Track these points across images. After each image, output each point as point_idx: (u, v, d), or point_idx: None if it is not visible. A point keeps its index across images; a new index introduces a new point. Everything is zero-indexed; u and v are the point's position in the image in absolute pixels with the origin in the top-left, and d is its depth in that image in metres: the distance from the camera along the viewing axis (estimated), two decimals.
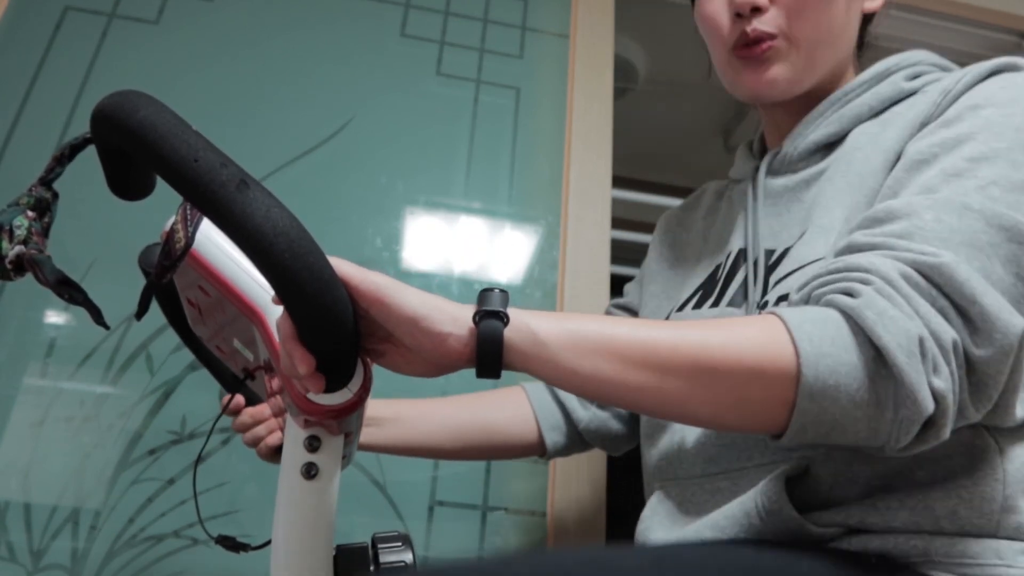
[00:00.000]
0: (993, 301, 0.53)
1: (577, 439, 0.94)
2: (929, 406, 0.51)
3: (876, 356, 0.52)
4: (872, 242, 0.57)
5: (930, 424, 0.53)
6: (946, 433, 0.53)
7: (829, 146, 0.76)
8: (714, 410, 0.54)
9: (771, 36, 0.75)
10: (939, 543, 0.57)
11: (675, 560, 0.55)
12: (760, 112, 0.86)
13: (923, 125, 0.67)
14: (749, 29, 0.75)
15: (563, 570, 0.50)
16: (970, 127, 0.62)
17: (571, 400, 0.94)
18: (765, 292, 0.72)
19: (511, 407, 0.94)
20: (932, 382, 0.51)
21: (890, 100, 0.73)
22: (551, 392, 0.96)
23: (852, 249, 0.59)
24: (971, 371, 0.54)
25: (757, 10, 0.75)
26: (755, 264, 0.74)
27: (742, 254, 0.78)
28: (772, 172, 0.80)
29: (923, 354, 0.51)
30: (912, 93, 0.73)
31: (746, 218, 0.80)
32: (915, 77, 0.74)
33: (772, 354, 0.52)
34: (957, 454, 0.59)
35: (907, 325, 0.51)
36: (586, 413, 0.93)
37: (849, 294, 0.54)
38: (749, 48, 0.76)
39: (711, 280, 0.81)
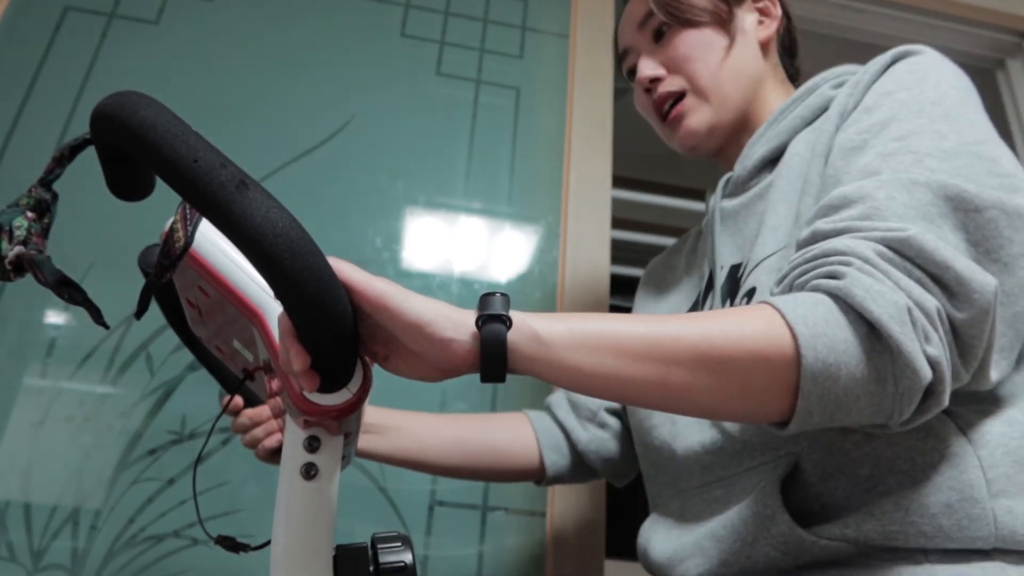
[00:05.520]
0: (964, 264, 0.55)
1: (577, 462, 0.95)
2: (927, 373, 0.53)
3: (870, 332, 0.53)
4: (837, 227, 0.59)
5: (929, 392, 0.54)
6: (945, 400, 0.55)
7: (773, 161, 0.80)
8: (719, 399, 0.54)
9: (680, 94, 0.85)
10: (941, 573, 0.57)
11: None
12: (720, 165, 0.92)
13: (842, 115, 0.71)
14: (655, 96, 0.86)
15: None
16: (889, 111, 0.66)
17: (571, 421, 0.95)
18: (735, 299, 0.74)
19: (513, 429, 0.95)
20: (926, 350, 0.53)
21: (820, 109, 0.77)
22: (551, 415, 0.98)
23: (818, 237, 0.60)
24: (956, 335, 0.55)
25: (657, 80, 0.86)
26: (716, 279, 0.78)
27: (712, 274, 0.82)
28: (728, 195, 0.85)
29: (913, 323, 0.53)
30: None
31: (710, 241, 0.84)
32: (839, 85, 0.78)
33: (771, 339, 0.53)
34: (930, 436, 0.61)
35: (894, 297, 0.53)
36: (585, 434, 0.94)
37: (833, 276, 0.55)
38: (666, 113, 0.86)
39: (695, 308, 0.86)
